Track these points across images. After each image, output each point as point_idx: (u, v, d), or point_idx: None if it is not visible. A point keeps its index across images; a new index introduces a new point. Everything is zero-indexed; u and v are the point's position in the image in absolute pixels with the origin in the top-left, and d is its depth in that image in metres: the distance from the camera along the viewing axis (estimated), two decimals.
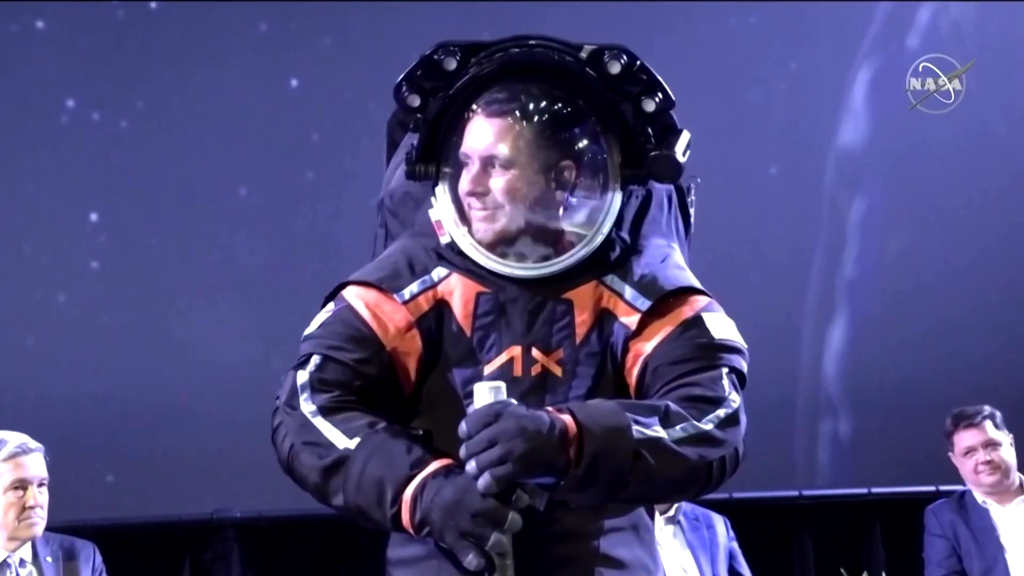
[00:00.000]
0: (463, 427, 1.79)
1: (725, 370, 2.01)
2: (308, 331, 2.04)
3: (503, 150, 2.01)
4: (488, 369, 2.01)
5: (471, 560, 1.79)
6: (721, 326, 2.06)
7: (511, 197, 2.01)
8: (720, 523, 4.62)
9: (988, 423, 4.50)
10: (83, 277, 5.40)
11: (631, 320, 2.02)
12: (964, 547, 4.48)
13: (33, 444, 3.79)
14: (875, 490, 5.78)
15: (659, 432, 1.85)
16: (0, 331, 5.30)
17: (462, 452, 1.79)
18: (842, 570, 4.71)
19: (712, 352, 2.01)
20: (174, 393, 5.29)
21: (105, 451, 5.25)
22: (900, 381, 5.87)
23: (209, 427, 5.29)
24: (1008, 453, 4.50)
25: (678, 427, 1.88)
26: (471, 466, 1.78)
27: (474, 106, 2.04)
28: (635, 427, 1.83)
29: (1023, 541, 4.46)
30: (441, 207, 2.06)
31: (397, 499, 1.85)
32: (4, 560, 3.75)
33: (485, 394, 1.82)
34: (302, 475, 1.94)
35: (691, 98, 6.85)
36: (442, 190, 2.07)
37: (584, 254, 2.04)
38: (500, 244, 2.03)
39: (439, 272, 2.05)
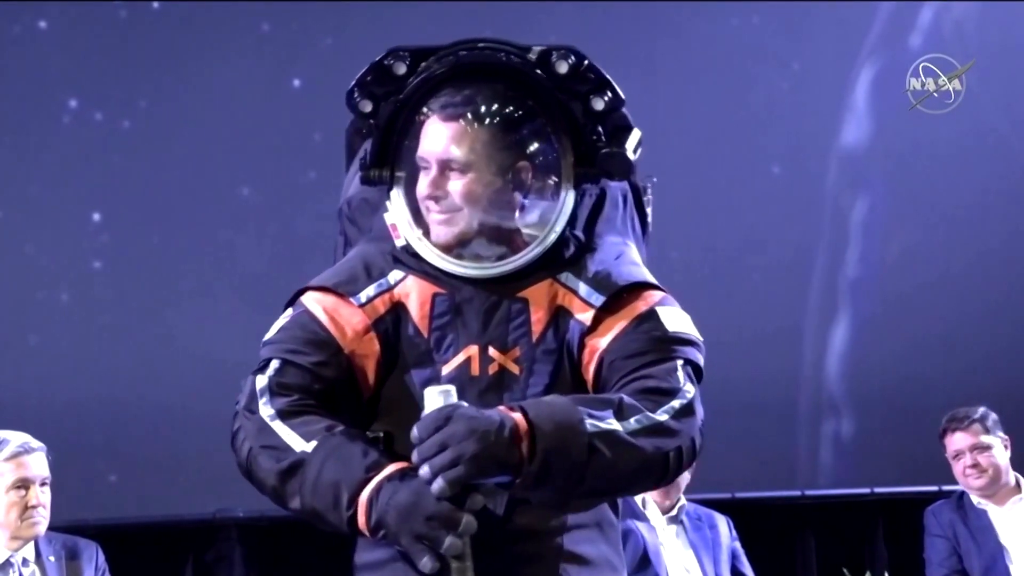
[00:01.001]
0: (414, 432, 1.81)
1: (680, 362, 2.00)
2: (267, 336, 2.07)
3: (460, 153, 2.03)
4: (446, 369, 2.03)
5: (426, 563, 1.82)
6: (675, 319, 2.06)
7: (469, 200, 2.03)
8: (723, 523, 4.61)
9: (977, 426, 4.49)
10: (85, 277, 5.40)
11: (586, 316, 2.04)
12: (964, 547, 4.48)
13: (35, 443, 3.79)
14: (877, 490, 5.78)
15: (613, 424, 1.86)
16: (2, 331, 5.30)
17: (414, 457, 1.81)
18: (844, 570, 4.71)
19: (666, 345, 2.01)
20: (176, 393, 5.29)
21: (108, 451, 5.25)
22: (902, 381, 5.87)
23: (211, 427, 5.24)
24: (1000, 455, 4.49)
25: (632, 419, 1.88)
26: (424, 470, 1.79)
27: (427, 109, 2.07)
28: (588, 420, 1.84)
29: (1022, 540, 4.46)
30: (396, 211, 2.10)
31: (353, 502, 1.86)
32: (7, 560, 3.75)
33: (435, 398, 1.84)
34: (260, 479, 1.95)
35: (694, 98, 6.89)
36: (397, 194, 2.10)
37: (538, 253, 2.06)
38: (456, 246, 2.06)
39: (395, 275, 2.07)
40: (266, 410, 1.97)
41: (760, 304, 5.79)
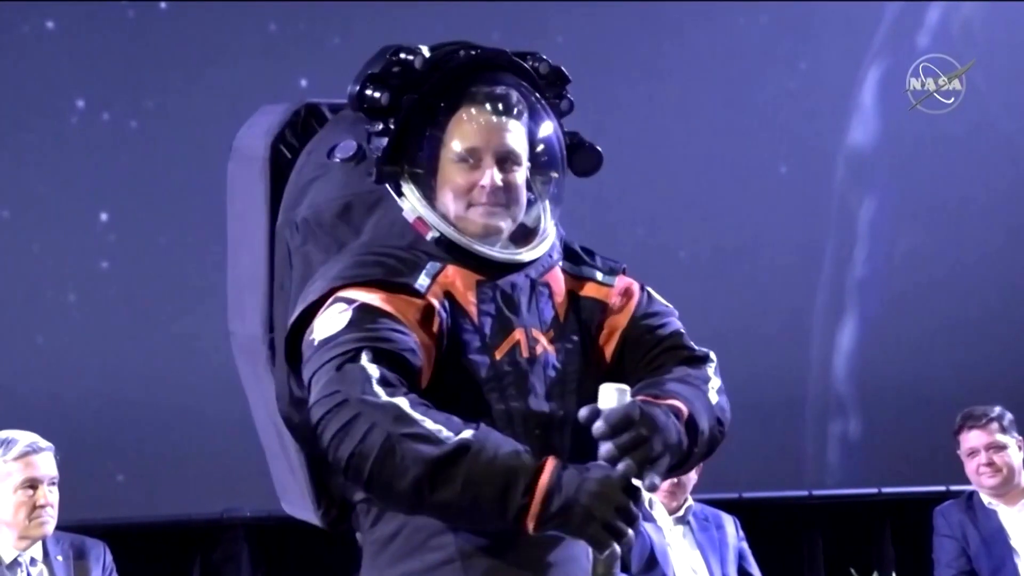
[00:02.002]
0: (601, 425, 1.88)
1: (681, 327, 2.19)
2: (327, 334, 1.97)
3: (518, 146, 2.10)
4: (499, 354, 2.05)
5: (614, 552, 1.88)
6: (657, 294, 2.24)
7: (520, 191, 2.10)
8: (730, 523, 4.61)
9: (994, 425, 4.49)
10: (93, 277, 5.41)
11: (604, 298, 2.16)
12: (973, 548, 4.47)
13: (43, 443, 3.80)
14: (885, 490, 5.77)
15: (713, 396, 2.08)
16: (10, 331, 5.30)
17: (606, 449, 1.87)
18: (852, 570, 4.71)
19: (671, 317, 2.19)
20: (184, 393, 5.29)
21: (115, 450, 5.26)
22: (910, 381, 5.86)
23: (219, 426, 5.29)
24: (1015, 455, 4.48)
25: (712, 389, 2.10)
26: (625, 464, 1.86)
27: (471, 102, 2.09)
28: (707, 395, 2.07)
29: None
30: (416, 205, 2.09)
31: (530, 489, 1.85)
32: (15, 559, 3.76)
33: (613, 394, 1.91)
34: (400, 468, 1.86)
35: (701, 97, 6.88)
36: (410, 190, 2.09)
37: (551, 238, 2.15)
38: (493, 233, 2.09)
39: (435, 266, 2.06)
40: (396, 398, 1.89)
41: (767, 303, 5.78)
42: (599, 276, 2.17)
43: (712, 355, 2.16)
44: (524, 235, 2.13)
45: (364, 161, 2.12)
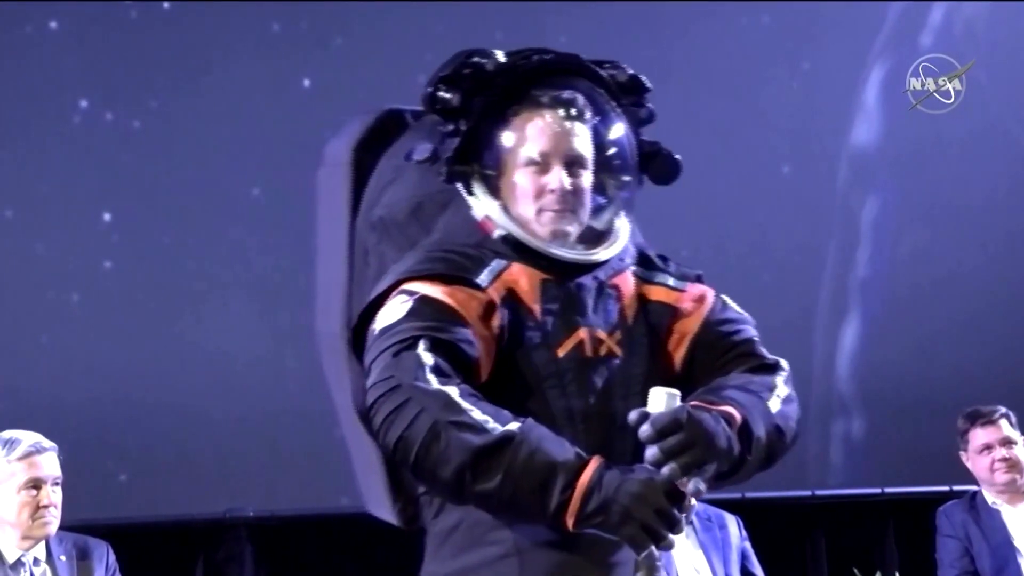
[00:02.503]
0: (648, 428, 1.89)
1: (756, 336, 2.21)
2: (387, 323, 2.02)
3: (586, 151, 2.14)
4: (561, 352, 2.07)
5: (651, 554, 1.89)
6: (732, 302, 2.26)
7: (584, 195, 2.14)
8: (732, 523, 4.61)
9: (1004, 421, 4.50)
10: (96, 277, 5.41)
11: (674, 303, 2.18)
12: (976, 548, 4.47)
13: (47, 443, 3.80)
14: (888, 490, 5.77)
15: (776, 404, 2.08)
16: (14, 331, 5.31)
17: (652, 452, 1.89)
18: (855, 570, 4.70)
19: (745, 326, 2.22)
20: (187, 393, 5.30)
21: (118, 450, 5.26)
22: (913, 380, 5.86)
23: (222, 427, 5.30)
24: (1022, 453, 4.49)
25: (775, 396, 2.10)
26: (670, 468, 1.88)
27: (531, 106, 2.13)
28: (768, 403, 2.06)
29: None
30: (486, 205, 2.14)
31: (570, 486, 1.88)
32: (18, 559, 3.76)
33: (662, 398, 1.93)
34: (445, 454, 1.90)
35: (703, 97, 6.88)
36: (480, 190, 2.14)
37: (623, 241, 2.18)
38: (560, 236, 2.12)
39: (499, 263, 2.10)
40: (448, 387, 1.93)
41: (770, 303, 5.76)
42: (670, 281, 2.20)
43: (783, 363, 2.17)
44: (594, 237, 2.16)
45: (437, 162, 2.17)
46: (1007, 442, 4.46)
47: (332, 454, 5.46)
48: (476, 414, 1.91)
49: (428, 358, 1.96)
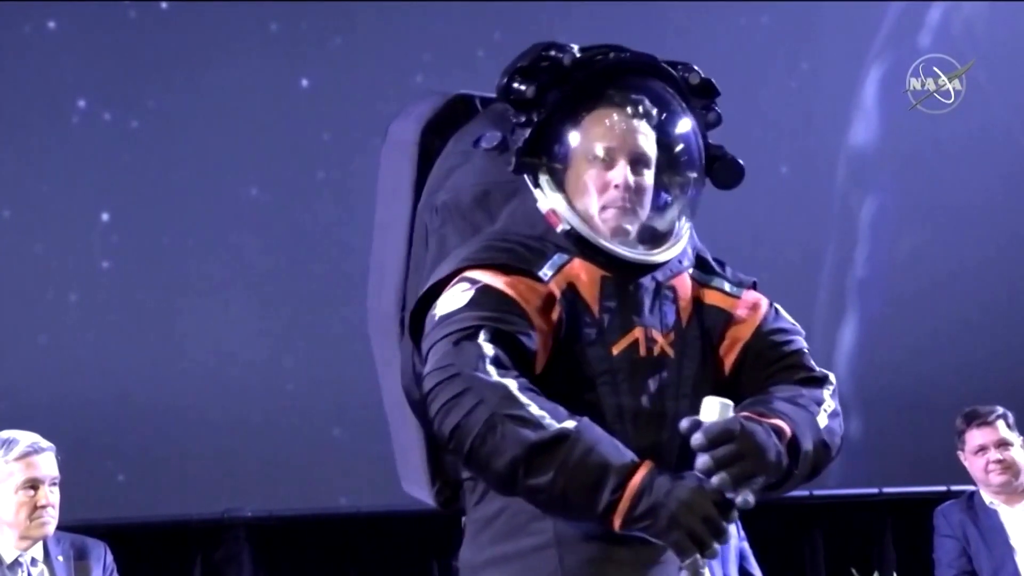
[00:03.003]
0: (700, 437, 1.90)
1: (806, 348, 2.21)
2: (448, 310, 2.03)
3: (651, 150, 2.15)
4: (616, 349, 2.08)
5: (696, 561, 1.90)
6: (785, 312, 2.26)
7: (646, 193, 2.15)
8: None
9: (1001, 423, 4.49)
10: (94, 277, 5.41)
11: (730, 308, 2.19)
12: (973, 548, 4.47)
13: (44, 443, 3.80)
14: (886, 490, 5.77)
15: (823, 420, 2.08)
16: (12, 331, 5.31)
17: (703, 461, 1.90)
18: (853, 570, 4.70)
19: (797, 337, 2.22)
20: (185, 393, 5.30)
21: (116, 450, 5.26)
22: (911, 381, 5.86)
23: (220, 427, 5.29)
24: (1019, 454, 4.48)
25: (822, 410, 2.10)
26: (719, 478, 1.90)
27: (610, 103, 2.14)
28: (816, 417, 2.07)
29: None
30: (552, 198, 2.13)
31: (621, 487, 1.89)
32: (16, 559, 3.76)
33: (716, 408, 1.94)
34: (500, 447, 1.91)
35: None
36: (547, 182, 2.14)
37: (683, 243, 2.19)
38: (621, 233, 2.12)
39: (562, 257, 2.10)
40: (507, 379, 1.94)
41: None
42: (727, 287, 2.21)
43: (831, 377, 2.18)
44: (654, 237, 2.16)
45: (506, 151, 2.17)
46: (1002, 444, 4.46)
47: (330, 454, 5.50)
48: (534, 409, 1.92)
49: (489, 349, 1.96)
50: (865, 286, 6.02)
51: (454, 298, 2.04)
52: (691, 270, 2.20)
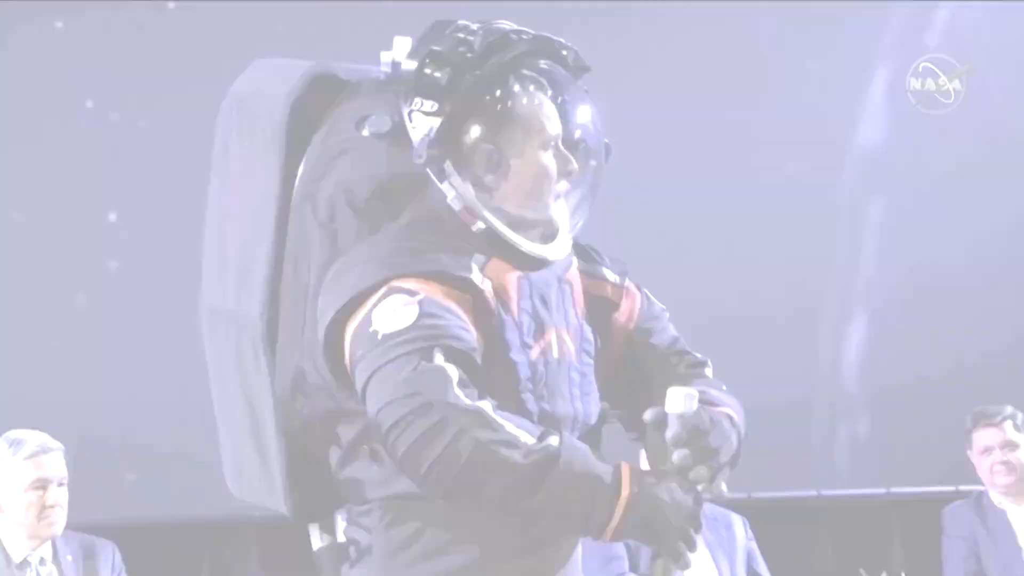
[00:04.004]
0: (679, 431, 1.89)
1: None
2: (394, 328, 1.88)
3: (562, 139, 2.05)
4: (535, 354, 2.00)
5: (687, 561, 1.91)
6: (651, 294, 2.21)
7: (557, 183, 2.07)
8: (738, 523, 4.61)
9: (1008, 424, 4.49)
10: (102, 277, 5.42)
11: (614, 297, 2.13)
12: (982, 548, 4.47)
13: (53, 443, 3.81)
14: (894, 490, 5.76)
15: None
16: (20, 331, 5.31)
17: (681, 456, 1.89)
18: (861, 570, 4.70)
19: (667, 319, 2.18)
20: (194, 392, 5.25)
21: (125, 450, 5.26)
22: (919, 380, 5.85)
23: None
24: None
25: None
26: (700, 471, 1.89)
27: (523, 90, 2.03)
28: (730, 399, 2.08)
29: None
30: (463, 194, 2.00)
31: (615, 496, 1.87)
32: (24, 559, 3.77)
33: (681, 399, 1.90)
34: (488, 474, 1.85)
35: (707, 97, 6.86)
36: (457, 176, 2.01)
37: (574, 235, 2.10)
38: (528, 227, 2.03)
39: (480, 258, 1.99)
40: (480, 402, 1.86)
41: (775, 303, 5.77)
42: (611, 277, 2.13)
43: (708, 360, 2.15)
44: (554, 229, 2.07)
45: (399, 139, 2.02)
46: (1008, 445, 4.45)
47: None
48: (510, 428, 1.86)
49: (452, 371, 1.86)
50: (872, 285, 6.02)
51: (396, 314, 1.89)
52: (576, 261, 2.10)
